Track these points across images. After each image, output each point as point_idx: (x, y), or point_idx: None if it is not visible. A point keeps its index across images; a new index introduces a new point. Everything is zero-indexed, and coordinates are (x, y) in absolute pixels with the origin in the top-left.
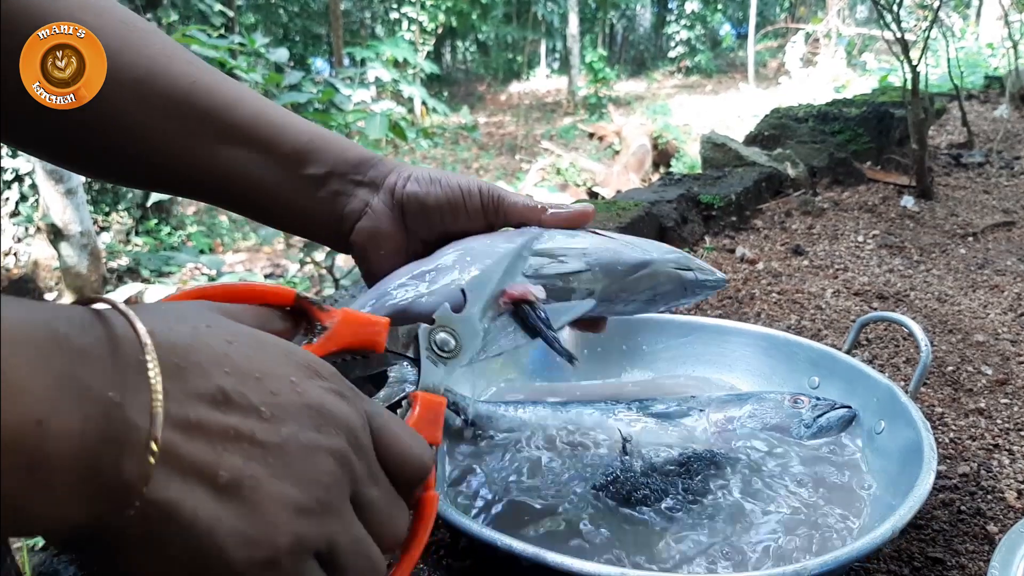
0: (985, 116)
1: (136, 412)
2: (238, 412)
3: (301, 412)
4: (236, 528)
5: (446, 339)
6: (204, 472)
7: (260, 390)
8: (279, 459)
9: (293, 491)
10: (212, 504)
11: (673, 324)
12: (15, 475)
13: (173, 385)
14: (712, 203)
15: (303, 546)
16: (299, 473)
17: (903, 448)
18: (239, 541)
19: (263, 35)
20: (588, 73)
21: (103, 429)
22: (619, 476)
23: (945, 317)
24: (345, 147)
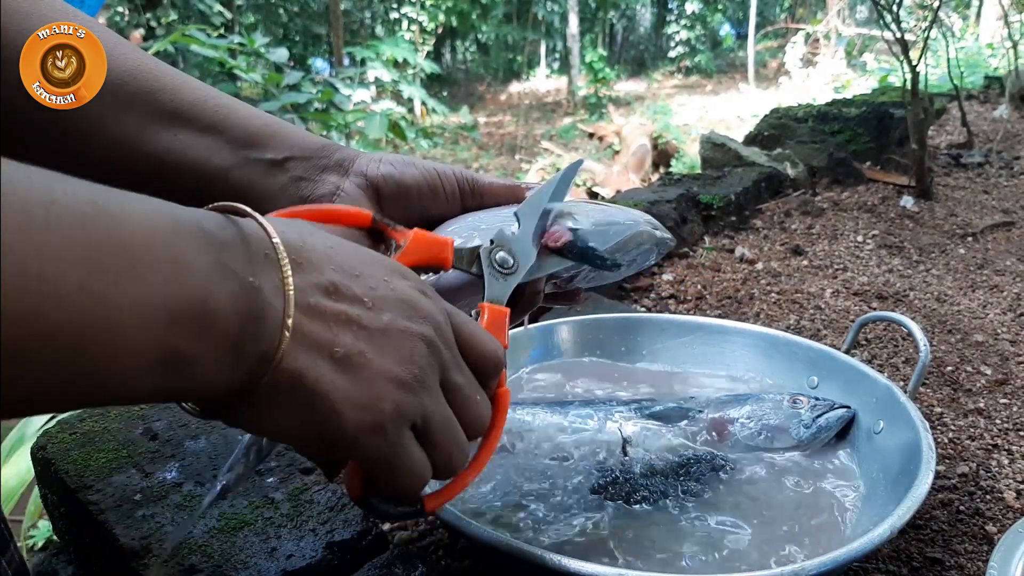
0: (985, 116)
1: (270, 295)
2: (346, 301)
3: (395, 303)
4: (349, 395)
5: (505, 257)
6: (323, 347)
7: (361, 284)
8: (381, 340)
9: (394, 367)
10: (330, 374)
11: (673, 324)
12: (190, 343)
13: (294, 276)
14: (711, 203)
15: (403, 415)
16: (397, 353)
17: (902, 448)
18: (352, 406)
19: (263, 35)
20: (588, 73)
21: (247, 308)
22: (618, 477)
23: (944, 317)
24: (303, 134)
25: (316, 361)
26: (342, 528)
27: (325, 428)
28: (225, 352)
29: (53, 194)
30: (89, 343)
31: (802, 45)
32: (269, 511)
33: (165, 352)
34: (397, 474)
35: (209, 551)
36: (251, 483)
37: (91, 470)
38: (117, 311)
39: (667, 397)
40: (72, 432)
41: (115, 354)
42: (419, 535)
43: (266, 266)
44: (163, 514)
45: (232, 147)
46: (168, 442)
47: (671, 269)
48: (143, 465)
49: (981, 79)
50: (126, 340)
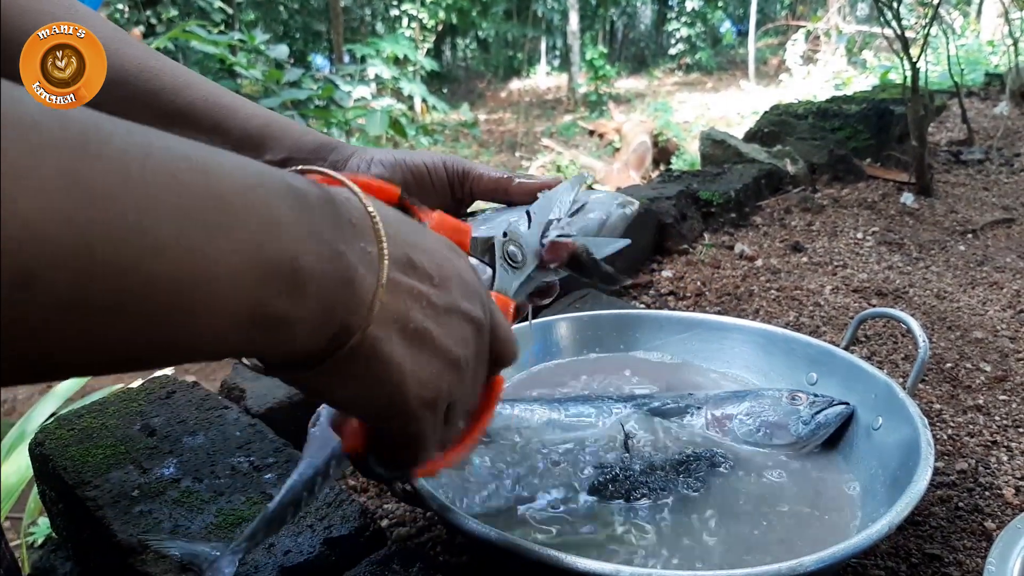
0: (985, 113)
1: (355, 262)
2: (418, 277)
3: (458, 283)
4: (415, 369)
5: (515, 251)
6: (400, 319)
7: (430, 261)
8: (444, 319)
9: (452, 347)
10: (402, 348)
11: (671, 320)
12: (280, 303)
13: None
14: (711, 200)
15: (451, 394)
16: (455, 334)
17: (900, 444)
18: (416, 381)
19: (263, 32)
20: (588, 70)
21: (335, 272)
22: (618, 474)
23: (944, 314)
24: (302, 132)
25: (391, 334)
26: (340, 524)
27: (391, 400)
28: (313, 315)
29: (150, 148)
30: (184, 297)
31: (803, 42)
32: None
33: (255, 310)
34: (419, 447)
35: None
36: (248, 479)
37: (89, 466)
38: (213, 265)
39: (666, 393)
40: (70, 428)
41: (208, 309)
42: (417, 531)
43: (352, 234)
44: (161, 510)
45: (234, 149)
46: (166, 438)
47: (670, 266)
48: (141, 461)
49: (982, 76)
50: (220, 295)
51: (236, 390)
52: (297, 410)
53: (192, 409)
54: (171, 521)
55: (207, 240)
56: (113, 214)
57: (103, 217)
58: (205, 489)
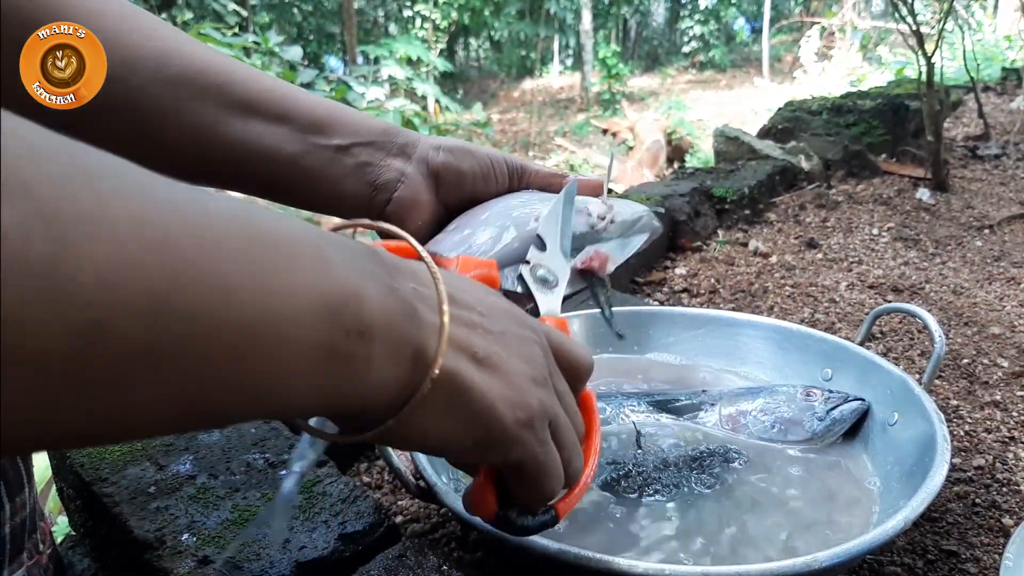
0: (1002, 108)
1: (413, 299)
2: (466, 308)
3: (503, 313)
4: (502, 392)
5: (544, 275)
6: (466, 349)
7: (472, 296)
8: (506, 343)
9: (525, 367)
10: (479, 374)
11: (685, 317)
12: (347, 340)
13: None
14: (725, 197)
15: (545, 411)
16: (521, 353)
17: (917, 440)
18: (506, 403)
19: (277, 34)
20: (601, 69)
21: (397, 307)
22: (631, 471)
23: (961, 310)
24: (365, 117)
25: (465, 362)
26: (354, 520)
27: (486, 427)
28: (382, 352)
29: (204, 194)
30: (256, 340)
31: (817, 39)
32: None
33: (325, 348)
34: (543, 474)
35: (222, 543)
36: (264, 475)
37: (106, 463)
38: (280, 305)
39: (680, 390)
40: None
41: (279, 350)
42: (431, 527)
43: (400, 274)
44: (177, 506)
45: (300, 135)
46: (182, 435)
47: (684, 263)
48: (157, 458)
49: (998, 71)
50: (288, 336)
51: None
52: None
53: None
54: (187, 517)
55: (271, 280)
56: (182, 259)
57: (173, 262)
58: (221, 485)
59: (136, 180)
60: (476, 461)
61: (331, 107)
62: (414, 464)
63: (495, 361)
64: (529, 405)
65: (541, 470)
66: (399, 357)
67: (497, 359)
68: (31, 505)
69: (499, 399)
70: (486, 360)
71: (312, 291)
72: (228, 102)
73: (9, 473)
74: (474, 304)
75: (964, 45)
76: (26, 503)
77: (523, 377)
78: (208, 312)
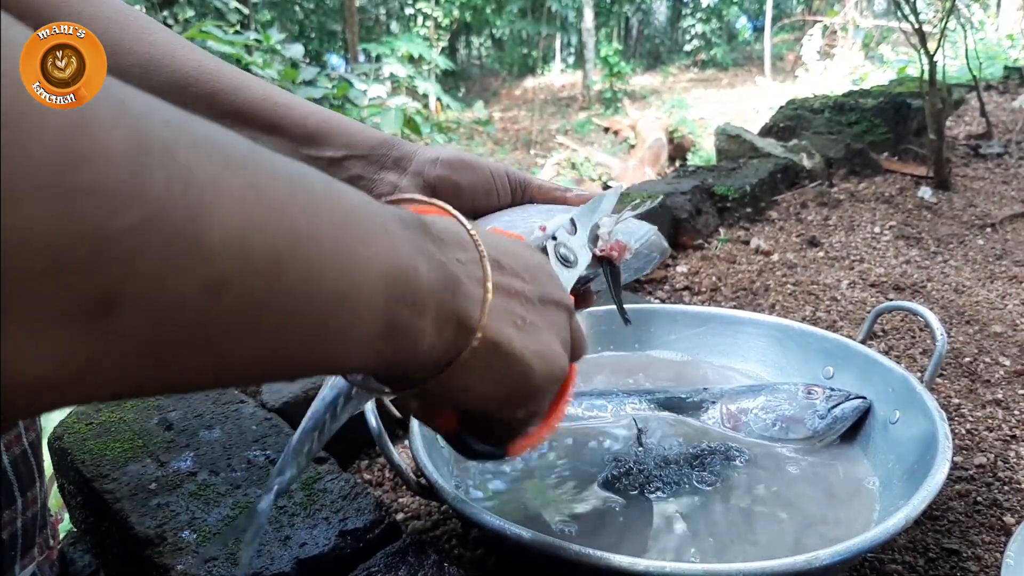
0: (1004, 107)
1: (458, 271)
2: (511, 275)
3: (544, 277)
4: (537, 351)
5: (566, 253)
6: (509, 314)
7: (516, 261)
8: (543, 310)
9: (556, 334)
10: (519, 336)
11: (687, 315)
12: (406, 313)
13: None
14: (727, 195)
15: (565, 372)
16: (555, 323)
17: (918, 438)
18: (540, 361)
19: (279, 31)
20: (603, 67)
21: (444, 279)
22: (632, 468)
23: (962, 308)
24: (359, 128)
25: (506, 326)
26: (355, 517)
27: (521, 385)
28: (433, 323)
29: (301, 166)
30: (340, 306)
31: (819, 37)
32: (283, 500)
33: (387, 318)
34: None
35: (224, 539)
36: (264, 472)
37: (107, 459)
38: (360, 273)
39: (681, 387)
40: (88, 423)
41: (354, 317)
42: (432, 525)
43: (445, 247)
44: (178, 503)
45: (292, 147)
46: (183, 432)
47: (685, 261)
48: (158, 454)
49: (1000, 70)
50: (362, 303)
51: (252, 385)
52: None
53: (209, 403)
54: (188, 513)
55: (355, 249)
56: (291, 222)
57: (286, 225)
58: (222, 482)
59: (247, 149)
60: (498, 415)
61: (325, 117)
62: (415, 461)
63: (533, 326)
64: (560, 363)
65: (529, 419)
66: (445, 327)
67: (534, 324)
68: (42, 500)
69: (535, 358)
70: (525, 325)
71: (382, 266)
72: (219, 111)
73: (21, 468)
74: (519, 269)
75: (966, 44)
76: (37, 498)
77: (555, 341)
78: (310, 276)
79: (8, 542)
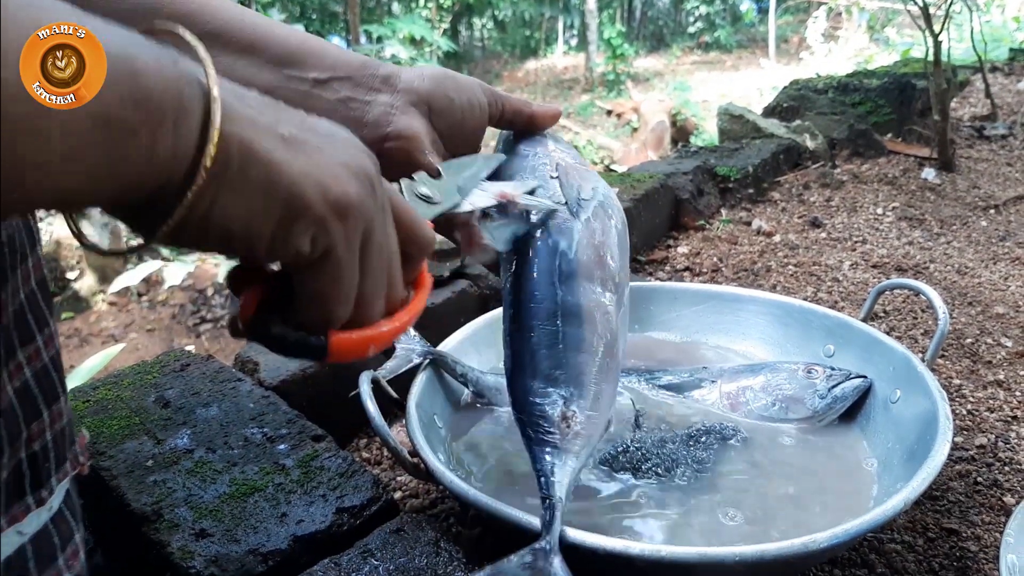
0: (1009, 88)
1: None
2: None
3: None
4: (306, 170)
5: (427, 193)
6: (266, 126)
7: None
8: (328, 140)
9: (344, 158)
10: (283, 150)
11: (687, 293)
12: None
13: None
14: (729, 175)
15: (361, 209)
16: (346, 152)
17: (919, 418)
18: (312, 182)
19: (280, 12)
20: (606, 49)
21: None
22: (628, 447)
23: (965, 289)
24: (340, 51)
25: (262, 135)
26: (352, 494)
27: (287, 203)
28: (164, 121)
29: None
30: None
31: (824, 19)
32: (280, 477)
33: (100, 114)
34: (335, 283)
35: (220, 516)
36: (262, 450)
37: (104, 437)
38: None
39: (679, 368)
40: (85, 400)
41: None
42: (430, 503)
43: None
44: (175, 480)
45: (272, 66)
46: (180, 410)
47: (686, 242)
48: (155, 432)
49: (1006, 52)
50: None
51: (250, 363)
52: (310, 383)
53: (206, 381)
54: (185, 490)
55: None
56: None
57: None
58: (218, 459)
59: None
60: (283, 254)
61: (305, 39)
62: (411, 442)
63: (309, 146)
64: (342, 191)
65: (334, 277)
66: (183, 128)
67: (310, 146)
68: (67, 415)
69: (304, 176)
70: (294, 141)
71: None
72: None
73: (43, 382)
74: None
75: (972, 25)
76: (62, 412)
77: (338, 165)
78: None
79: (41, 454)
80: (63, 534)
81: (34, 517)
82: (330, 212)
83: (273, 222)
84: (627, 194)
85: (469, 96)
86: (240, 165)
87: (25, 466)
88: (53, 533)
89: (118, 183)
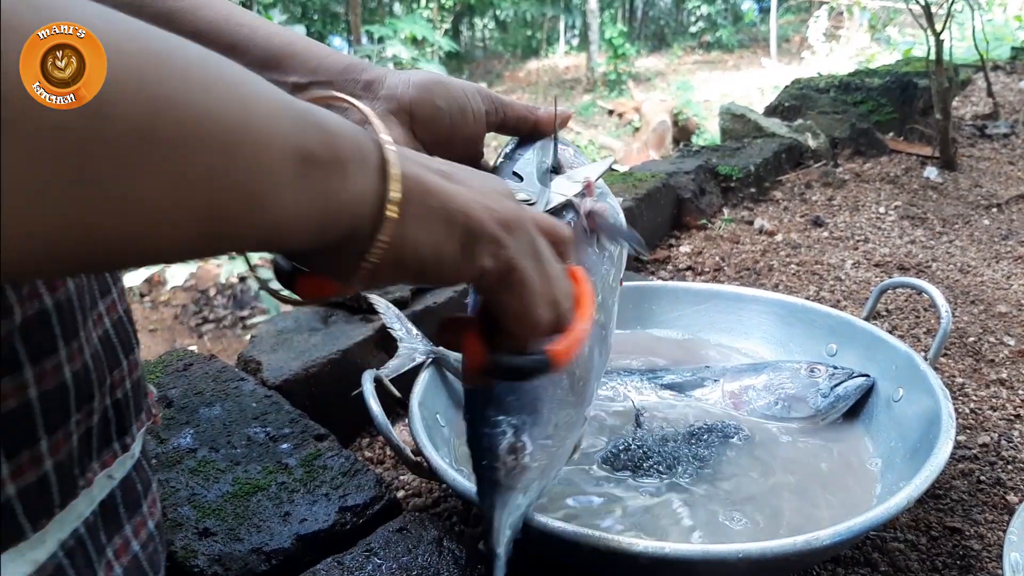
0: (1011, 87)
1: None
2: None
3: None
4: (470, 196)
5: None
6: (424, 164)
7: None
8: (471, 173)
9: (492, 185)
10: (444, 182)
11: (689, 292)
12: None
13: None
14: (731, 174)
15: (523, 222)
16: (486, 179)
17: (921, 416)
18: (480, 206)
19: (281, 12)
20: (608, 49)
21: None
22: (630, 445)
23: (967, 288)
24: (326, 52)
25: (426, 172)
26: (355, 493)
27: (464, 225)
28: (351, 159)
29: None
30: (236, 134)
31: (825, 19)
32: (283, 476)
33: (300, 151)
34: (530, 291)
35: (223, 515)
36: (265, 449)
37: None
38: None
39: (681, 367)
40: None
41: (256, 147)
42: (433, 502)
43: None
44: (178, 479)
45: (254, 69)
46: (183, 409)
47: (688, 241)
48: (158, 431)
49: (1008, 51)
50: (264, 133)
51: (253, 363)
52: (312, 382)
53: (209, 381)
54: (188, 490)
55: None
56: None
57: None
58: (221, 459)
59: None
60: (469, 273)
61: (290, 40)
62: (414, 441)
63: (453, 174)
64: (506, 208)
65: (525, 284)
66: (366, 167)
67: (455, 175)
68: (141, 366)
69: (471, 200)
70: (448, 176)
71: (278, 103)
72: (177, 31)
73: (121, 333)
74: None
75: (974, 24)
76: (137, 362)
77: (490, 189)
78: (191, 101)
79: (123, 401)
80: (144, 481)
81: (120, 463)
82: (501, 229)
83: (457, 246)
84: (629, 193)
85: (462, 104)
86: (419, 199)
87: (111, 412)
88: (136, 480)
89: (318, 222)
